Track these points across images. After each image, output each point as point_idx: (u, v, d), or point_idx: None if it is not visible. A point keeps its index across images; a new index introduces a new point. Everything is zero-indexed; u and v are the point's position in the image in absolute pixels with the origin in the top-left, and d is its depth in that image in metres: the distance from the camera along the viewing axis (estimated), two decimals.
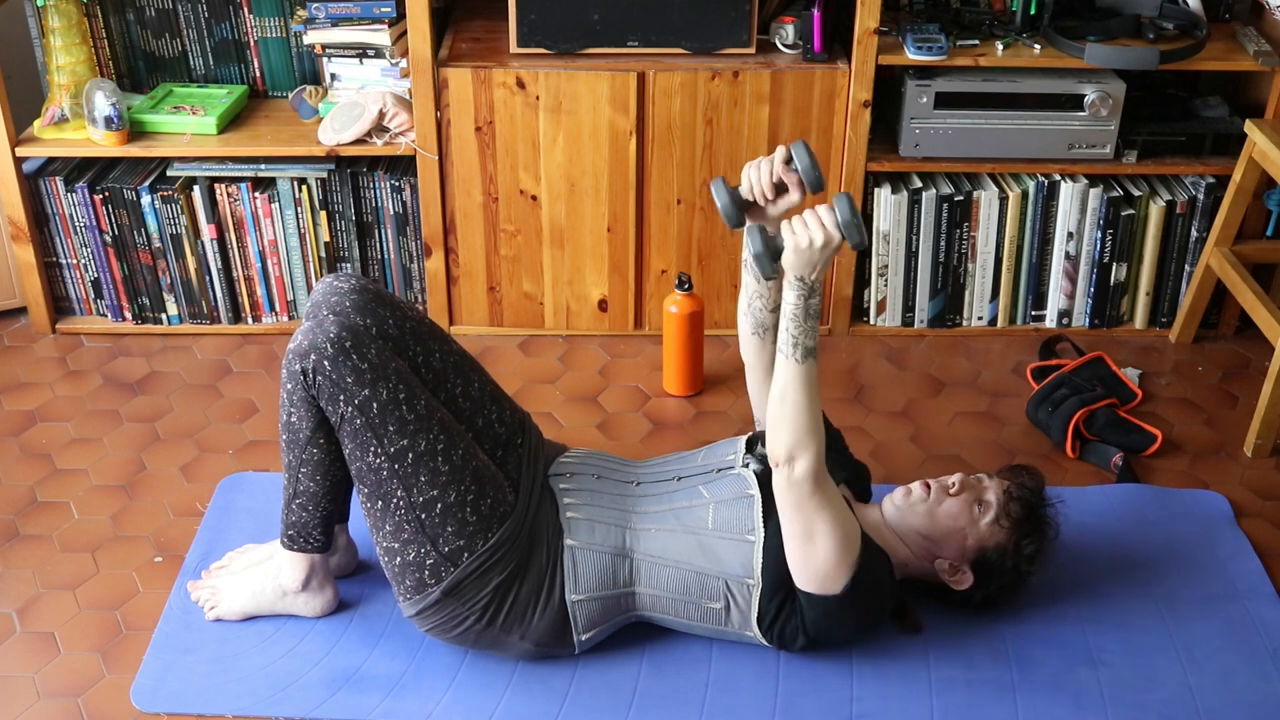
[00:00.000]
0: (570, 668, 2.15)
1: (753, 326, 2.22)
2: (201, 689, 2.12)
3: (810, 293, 1.96)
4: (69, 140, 2.93)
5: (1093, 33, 2.85)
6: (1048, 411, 2.77)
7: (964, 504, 2.13)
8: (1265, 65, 2.82)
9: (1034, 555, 2.14)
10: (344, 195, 2.99)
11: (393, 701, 2.10)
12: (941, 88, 2.86)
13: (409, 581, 2.06)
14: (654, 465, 2.29)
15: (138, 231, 2.99)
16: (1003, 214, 2.99)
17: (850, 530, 2.03)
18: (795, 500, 1.99)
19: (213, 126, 2.94)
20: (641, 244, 3.01)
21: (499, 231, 2.99)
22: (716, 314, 3.09)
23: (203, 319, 3.09)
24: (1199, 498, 2.58)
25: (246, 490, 2.57)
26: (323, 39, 2.97)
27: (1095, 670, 2.17)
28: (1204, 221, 2.99)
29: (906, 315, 3.11)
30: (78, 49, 2.92)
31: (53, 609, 2.29)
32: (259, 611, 2.24)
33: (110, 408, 2.84)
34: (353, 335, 2.01)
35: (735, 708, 2.10)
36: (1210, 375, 2.99)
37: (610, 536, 2.12)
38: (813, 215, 1.95)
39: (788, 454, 1.97)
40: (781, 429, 1.97)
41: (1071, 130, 2.91)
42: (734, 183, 2.10)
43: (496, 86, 2.84)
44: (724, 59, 2.86)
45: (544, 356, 3.05)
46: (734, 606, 2.10)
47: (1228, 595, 2.33)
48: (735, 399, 2.88)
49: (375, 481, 2.03)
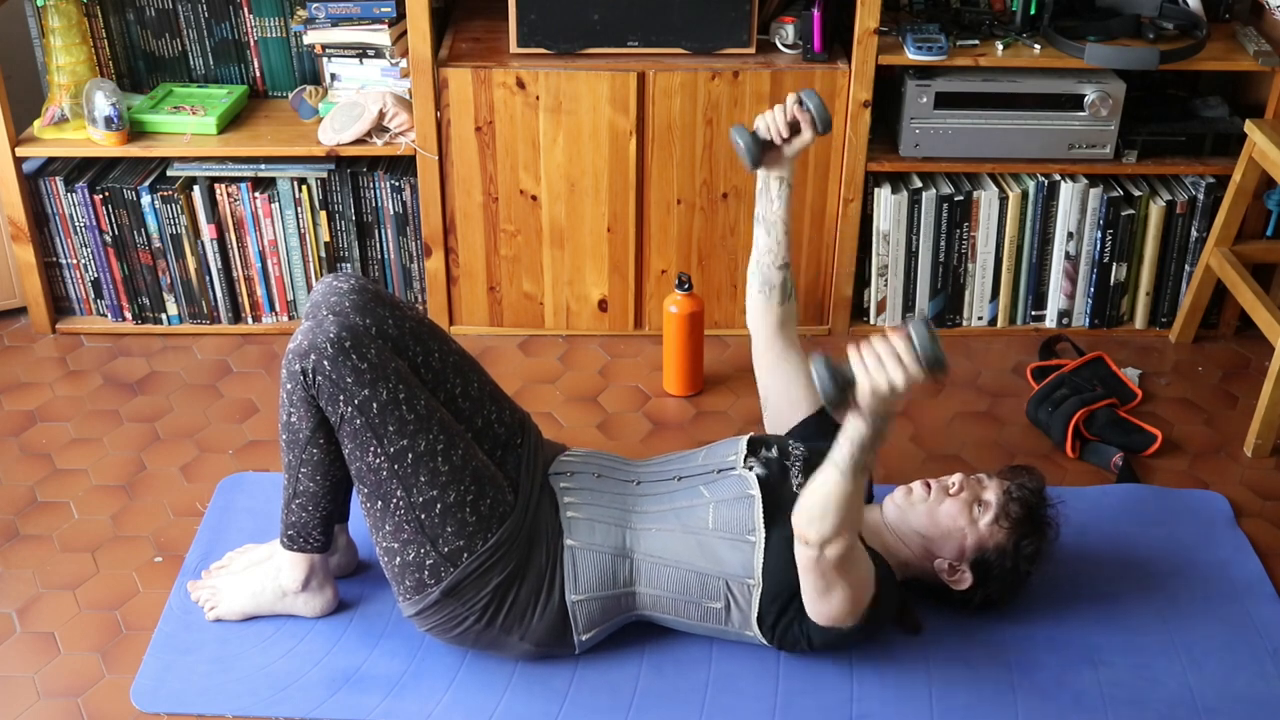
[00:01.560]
0: (570, 668, 2.15)
1: (760, 284, 2.26)
2: (201, 689, 2.12)
3: (883, 427, 1.78)
4: (69, 140, 2.93)
5: (1093, 33, 2.85)
6: (1048, 411, 2.77)
7: (964, 504, 2.13)
8: (1265, 65, 2.82)
9: (1034, 555, 2.14)
10: (344, 195, 2.99)
11: (393, 701, 2.10)
12: (941, 88, 2.86)
13: (409, 582, 2.06)
14: (654, 465, 2.29)
15: (138, 231, 2.99)
16: (1003, 214, 2.99)
17: (867, 578, 2.00)
18: (819, 572, 1.94)
19: (213, 126, 2.94)
20: (641, 244, 3.01)
21: (499, 231, 2.99)
22: (716, 314, 3.09)
23: (203, 319, 3.09)
24: (1199, 498, 2.58)
25: (246, 490, 2.57)
26: (323, 39, 2.97)
27: (1095, 670, 2.17)
28: (1204, 221, 2.99)
29: (906, 315, 3.11)
30: (78, 49, 2.92)
31: (53, 609, 2.30)
32: (259, 611, 2.24)
33: (110, 408, 2.84)
34: (352, 335, 2.01)
35: (735, 708, 2.10)
36: (1210, 375, 2.99)
37: (610, 536, 2.12)
38: (887, 347, 1.72)
39: (820, 540, 1.89)
40: (818, 519, 1.87)
41: (1071, 130, 2.91)
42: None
43: (496, 86, 2.84)
44: (724, 59, 2.86)
45: (544, 356, 3.05)
46: (734, 606, 2.10)
47: (1228, 595, 2.33)
48: (735, 399, 2.88)
49: (375, 482, 2.03)
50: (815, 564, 1.93)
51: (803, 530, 1.90)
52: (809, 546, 1.91)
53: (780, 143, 2.25)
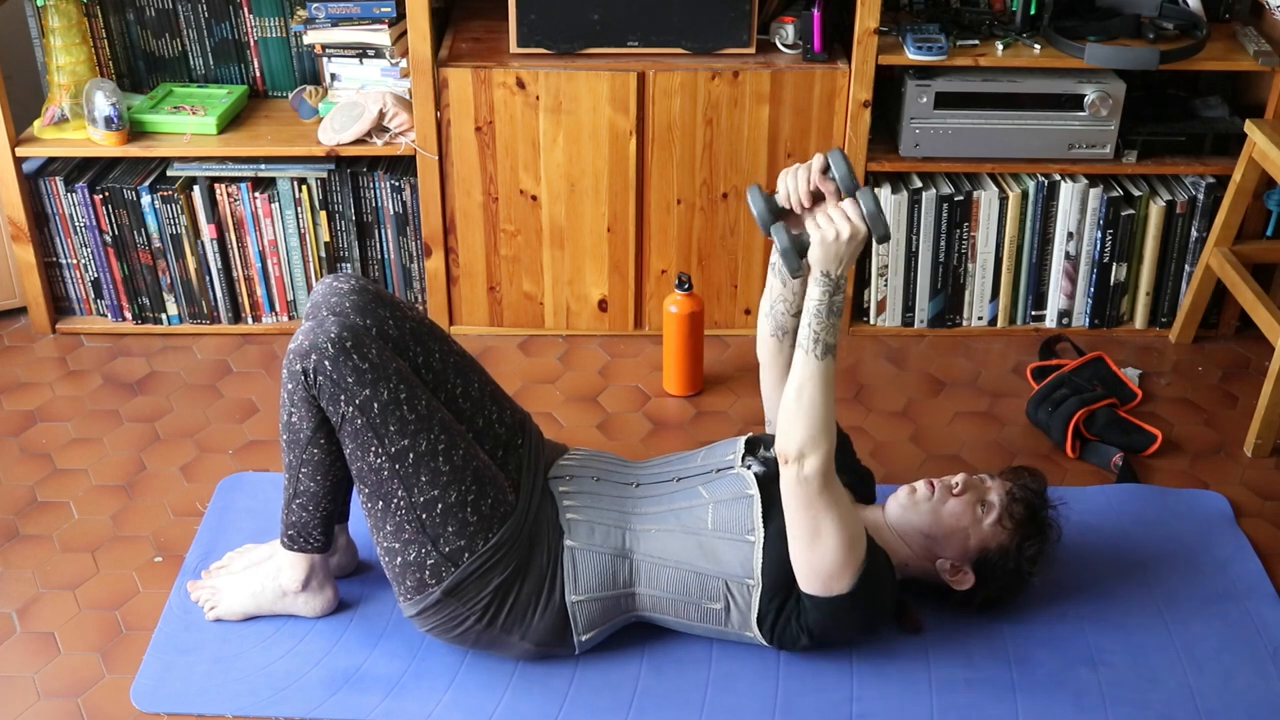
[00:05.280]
0: (570, 668, 2.15)
1: (773, 329, 2.23)
2: (201, 689, 2.12)
3: (835, 289, 1.97)
4: (69, 140, 2.93)
5: (1093, 33, 2.85)
6: (1048, 411, 2.77)
7: (967, 504, 2.13)
8: (1265, 65, 2.82)
9: (1036, 556, 2.14)
10: (344, 195, 2.99)
11: (393, 701, 2.10)
12: (941, 88, 2.86)
13: (409, 582, 2.06)
14: (653, 466, 2.29)
15: (138, 231, 2.99)
16: (1003, 214, 2.99)
17: (856, 530, 2.03)
18: (804, 498, 1.98)
19: (213, 126, 2.94)
20: (641, 244, 3.01)
21: (499, 231, 2.99)
22: (716, 314, 3.09)
23: (203, 319, 3.09)
24: (1199, 497, 2.58)
25: (246, 490, 2.57)
26: (323, 39, 2.97)
27: (1095, 670, 2.17)
28: (1204, 221, 2.99)
29: (906, 315, 3.11)
30: (78, 49, 2.92)
31: (53, 609, 2.29)
32: (259, 611, 2.24)
33: (110, 408, 2.84)
34: (353, 335, 2.01)
35: (735, 708, 2.10)
36: (1210, 375, 2.99)
37: (610, 538, 2.12)
38: (838, 210, 1.96)
39: (799, 451, 1.97)
40: (795, 425, 1.97)
41: (1071, 130, 2.91)
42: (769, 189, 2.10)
43: (496, 86, 2.84)
44: (724, 59, 2.86)
45: (544, 356, 3.05)
46: (734, 607, 2.10)
47: (1228, 595, 2.33)
48: (735, 399, 2.89)
49: (376, 482, 2.03)
50: (798, 486, 1.97)
51: (781, 444, 1.98)
52: (788, 465, 1.97)
53: (800, 212, 2.06)
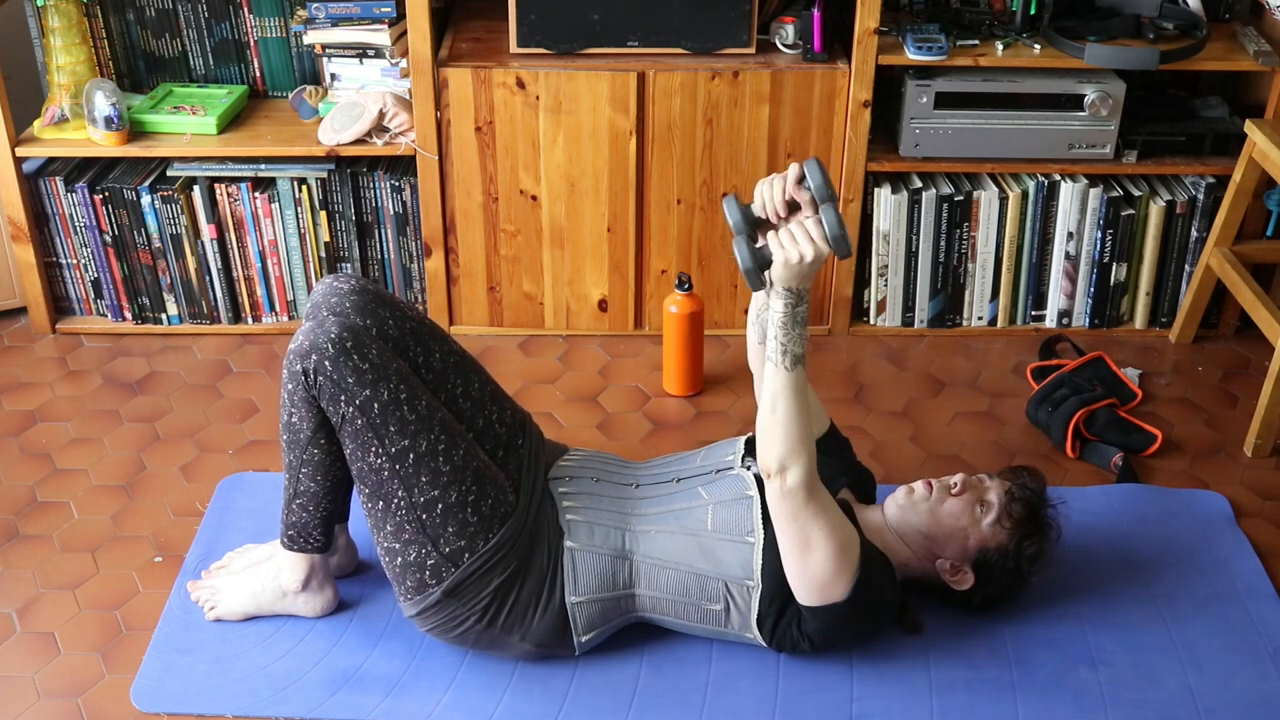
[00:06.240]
0: (570, 668, 2.15)
1: (760, 335, 2.23)
2: (201, 689, 2.12)
3: (798, 301, 1.96)
4: (69, 140, 2.93)
5: (1093, 33, 2.85)
6: (1048, 411, 2.77)
7: (966, 504, 2.13)
8: (1265, 65, 2.82)
9: (1035, 556, 2.14)
10: (344, 195, 2.99)
11: (393, 701, 2.10)
12: (941, 88, 2.86)
13: (410, 582, 2.06)
14: (653, 467, 2.29)
15: (138, 231, 2.99)
16: (1003, 214, 2.99)
17: (847, 537, 2.02)
18: (790, 510, 1.98)
19: (213, 126, 2.94)
20: (641, 244, 3.01)
21: (499, 231, 2.99)
22: (716, 314, 3.09)
23: (203, 319, 3.09)
24: (1199, 497, 2.58)
25: (246, 490, 2.57)
26: (323, 39, 2.97)
27: (1095, 670, 2.17)
28: (1204, 221, 2.99)
29: (906, 315, 3.11)
30: (78, 49, 2.92)
31: (53, 609, 2.29)
32: (259, 611, 2.24)
33: (110, 408, 2.84)
34: (354, 336, 2.01)
35: (735, 708, 2.10)
36: (1210, 375, 2.99)
37: (610, 539, 2.11)
38: (800, 229, 1.93)
39: (780, 464, 1.96)
40: (773, 439, 1.97)
41: (1071, 130, 2.91)
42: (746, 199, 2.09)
43: (496, 86, 2.84)
44: (724, 59, 2.86)
45: (544, 356, 3.05)
46: (734, 608, 2.10)
47: (1228, 595, 2.33)
48: (735, 399, 2.88)
49: (376, 482, 2.03)
50: (784, 500, 1.97)
51: (762, 459, 1.98)
52: (771, 479, 1.97)
53: (776, 221, 2.03)
